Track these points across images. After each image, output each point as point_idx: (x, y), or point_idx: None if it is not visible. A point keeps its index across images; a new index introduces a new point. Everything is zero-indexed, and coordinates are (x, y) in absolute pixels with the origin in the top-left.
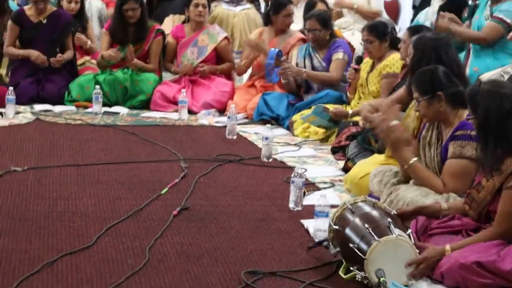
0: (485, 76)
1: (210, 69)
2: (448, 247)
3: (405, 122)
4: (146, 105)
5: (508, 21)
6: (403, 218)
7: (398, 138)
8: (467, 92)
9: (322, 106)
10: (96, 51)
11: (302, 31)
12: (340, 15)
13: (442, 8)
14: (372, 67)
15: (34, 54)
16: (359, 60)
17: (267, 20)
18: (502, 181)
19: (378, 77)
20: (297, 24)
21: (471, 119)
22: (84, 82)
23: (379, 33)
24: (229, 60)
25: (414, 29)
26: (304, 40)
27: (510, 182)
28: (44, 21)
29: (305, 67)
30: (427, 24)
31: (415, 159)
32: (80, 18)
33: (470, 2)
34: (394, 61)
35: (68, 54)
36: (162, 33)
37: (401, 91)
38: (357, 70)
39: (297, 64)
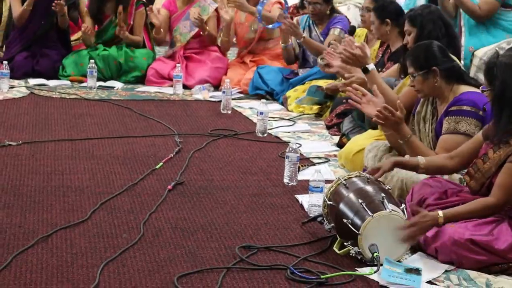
0: (480, 52)
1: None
2: (441, 213)
3: (400, 90)
4: (140, 80)
5: None
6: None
7: (396, 120)
8: (485, 63)
9: (314, 86)
10: None
11: (296, 6)
12: None
13: None
14: (367, 43)
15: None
16: (353, 29)
17: None
18: (509, 154)
19: (372, 54)
20: None
21: (486, 91)
22: (78, 58)
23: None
24: (213, 32)
25: (378, 7)
26: (279, 2)
27: None
28: None
29: None
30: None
31: (411, 134)
32: None
33: None
34: None
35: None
36: (143, 3)
37: (395, 67)
38: None
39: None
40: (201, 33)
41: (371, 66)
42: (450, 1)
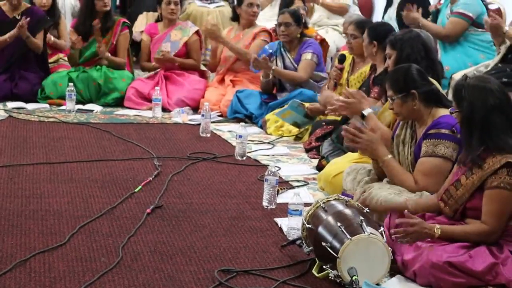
0: (458, 75)
1: (170, 59)
2: (438, 226)
3: (381, 116)
4: (120, 102)
5: (469, 14)
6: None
7: (369, 141)
8: (453, 85)
9: (298, 101)
10: (66, 48)
11: (274, 30)
12: (312, 11)
13: (401, 4)
14: (353, 68)
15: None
16: (343, 58)
17: (235, 16)
18: (484, 179)
19: (360, 81)
20: (271, 22)
21: (455, 112)
22: (57, 79)
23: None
24: (194, 58)
25: (360, 23)
26: (267, 31)
27: (494, 182)
28: (18, 17)
29: (277, 65)
30: (392, 23)
31: (389, 156)
32: (52, 14)
33: (432, 8)
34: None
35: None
36: (128, 26)
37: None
38: (342, 70)
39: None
40: (210, 59)
41: (367, 111)
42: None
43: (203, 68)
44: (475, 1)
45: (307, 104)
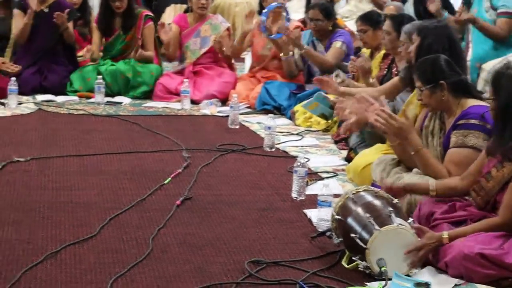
0: (488, 65)
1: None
2: (445, 234)
3: (407, 108)
4: (148, 95)
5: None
6: (393, 194)
7: (401, 127)
8: (493, 72)
9: (322, 94)
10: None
11: (303, 21)
12: None
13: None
14: (372, 56)
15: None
16: (358, 51)
17: (261, 8)
18: None
19: (376, 66)
20: (298, 13)
21: (489, 99)
22: (85, 73)
23: (372, 22)
24: (227, 51)
25: (397, 19)
26: (299, 27)
27: None
28: (46, 10)
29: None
30: None
31: (422, 146)
32: (83, 10)
33: None
34: None
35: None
36: (152, 18)
37: (395, 79)
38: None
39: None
40: (220, 55)
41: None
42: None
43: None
44: None
45: (332, 97)
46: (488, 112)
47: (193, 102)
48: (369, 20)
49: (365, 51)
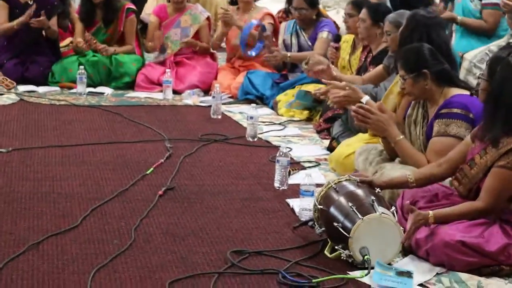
0: (470, 55)
1: (192, 42)
2: (431, 213)
3: (386, 98)
4: (130, 86)
5: (497, 1)
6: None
7: (378, 120)
8: (493, 54)
9: (303, 90)
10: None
11: (285, 10)
12: None
13: None
14: (354, 48)
15: (23, 18)
16: (338, 38)
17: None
18: (495, 159)
19: (356, 60)
20: (279, 3)
21: (483, 79)
22: (67, 64)
23: (361, 9)
24: (206, 41)
25: (372, 7)
26: (270, 15)
27: (501, 161)
28: (31, 2)
29: (291, 44)
30: None
31: (401, 136)
32: (63, 1)
33: None
34: None
35: (48, 24)
36: (133, 11)
37: (379, 67)
38: (337, 49)
39: (284, 41)
40: (193, 49)
41: (365, 99)
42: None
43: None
44: None
45: (313, 90)
46: (472, 101)
47: (175, 92)
48: (359, 7)
49: (347, 39)
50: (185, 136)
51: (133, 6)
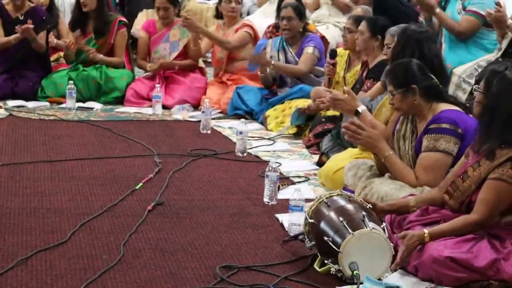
0: (459, 70)
1: (169, 64)
2: (426, 231)
3: (379, 111)
4: (120, 101)
5: (482, 13)
6: (376, 212)
7: (369, 136)
8: (490, 68)
9: (296, 112)
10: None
11: (275, 25)
12: (317, 6)
13: None
14: (349, 65)
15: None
16: (334, 54)
17: (218, 14)
18: (489, 171)
19: (354, 76)
20: (271, 18)
21: (479, 91)
22: (57, 79)
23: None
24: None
25: (372, 20)
26: (249, 26)
27: (496, 173)
28: (21, 18)
29: (279, 60)
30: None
31: (390, 151)
32: (50, 11)
33: None
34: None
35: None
36: (125, 25)
37: (378, 85)
38: (334, 65)
39: (271, 57)
40: (191, 46)
41: (361, 108)
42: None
43: (201, 64)
44: (489, 0)
45: (304, 105)
46: (460, 116)
47: (165, 107)
48: (359, 23)
49: (342, 53)
50: (174, 151)
51: (125, 20)
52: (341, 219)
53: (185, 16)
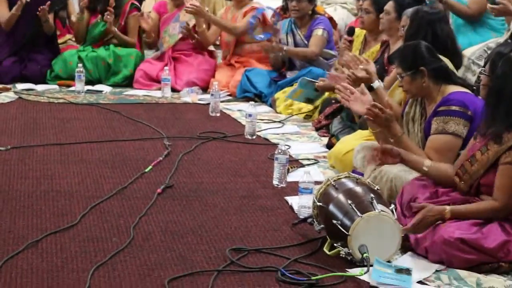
0: (468, 52)
1: (191, 33)
2: (448, 208)
3: (392, 93)
4: (129, 80)
5: None
6: (385, 157)
7: (386, 118)
8: (495, 50)
9: (306, 79)
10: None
11: (283, 7)
12: None
13: None
14: (364, 46)
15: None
16: (351, 30)
17: None
18: (499, 155)
19: (371, 56)
20: (277, 0)
21: (484, 74)
22: (67, 57)
23: (380, 7)
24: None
25: (400, 1)
26: (256, 8)
27: (507, 157)
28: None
29: (287, 43)
30: None
31: (402, 132)
32: None
33: None
34: None
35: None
36: (137, 8)
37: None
38: (350, 42)
39: (280, 40)
40: (191, 40)
41: (376, 84)
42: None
43: (211, 48)
44: None
45: (318, 81)
46: (470, 98)
47: (173, 89)
48: (377, 4)
49: (358, 33)
50: (183, 134)
51: (137, 3)
52: (349, 201)
53: (193, 4)
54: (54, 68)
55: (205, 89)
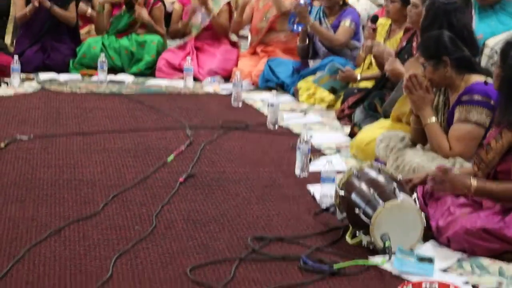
0: (491, 42)
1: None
2: (474, 183)
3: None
4: (151, 68)
5: None
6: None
7: (423, 97)
8: (505, 40)
9: (336, 65)
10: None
11: None
12: None
13: None
14: (389, 34)
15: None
16: (375, 19)
17: None
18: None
19: (395, 47)
20: None
21: (495, 65)
22: (91, 42)
23: None
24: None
25: None
26: None
27: None
28: None
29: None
30: None
31: (434, 118)
32: None
33: None
34: None
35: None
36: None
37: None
38: (374, 30)
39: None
40: (207, 16)
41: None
42: None
43: (235, 38)
44: None
45: (344, 69)
46: (492, 88)
47: (196, 79)
48: None
49: (384, 22)
50: (205, 123)
51: None
52: (371, 190)
53: None
54: (77, 55)
55: (227, 78)
